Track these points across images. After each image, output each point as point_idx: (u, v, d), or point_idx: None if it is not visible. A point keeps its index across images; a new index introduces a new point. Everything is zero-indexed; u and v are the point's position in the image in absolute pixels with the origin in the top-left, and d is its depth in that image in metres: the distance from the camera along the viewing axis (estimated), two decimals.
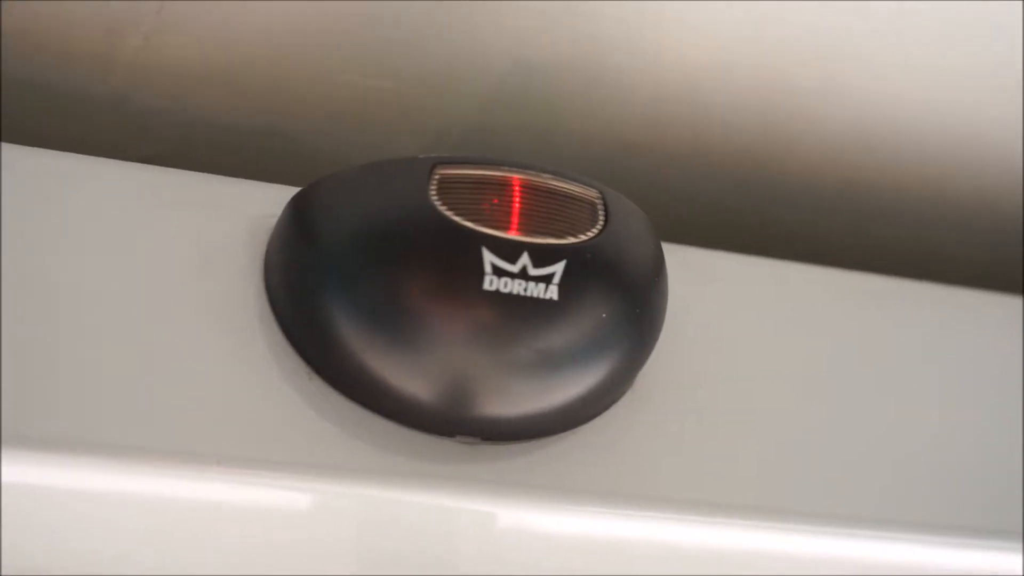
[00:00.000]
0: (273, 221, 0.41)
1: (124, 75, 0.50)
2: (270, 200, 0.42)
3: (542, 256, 0.38)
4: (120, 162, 0.42)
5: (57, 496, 0.37)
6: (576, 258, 0.39)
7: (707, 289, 0.47)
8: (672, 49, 0.52)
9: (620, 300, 0.40)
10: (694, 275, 0.47)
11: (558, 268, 0.38)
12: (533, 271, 0.38)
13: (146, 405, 0.38)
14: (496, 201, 0.39)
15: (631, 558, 0.41)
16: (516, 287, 0.38)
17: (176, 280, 0.40)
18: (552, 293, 0.38)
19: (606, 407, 0.42)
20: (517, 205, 0.39)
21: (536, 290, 0.38)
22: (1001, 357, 0.49)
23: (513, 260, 0.38)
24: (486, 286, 0.38)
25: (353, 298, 0.38)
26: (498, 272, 0.38)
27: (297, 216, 0.40)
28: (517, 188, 0.39)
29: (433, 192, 0.38)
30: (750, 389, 0.45)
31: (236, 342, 0.40)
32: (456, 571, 0.40)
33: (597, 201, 0.40)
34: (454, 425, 0.39)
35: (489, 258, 0.38)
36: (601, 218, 0.40)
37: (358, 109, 0.53)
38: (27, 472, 0.36)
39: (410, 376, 0.39)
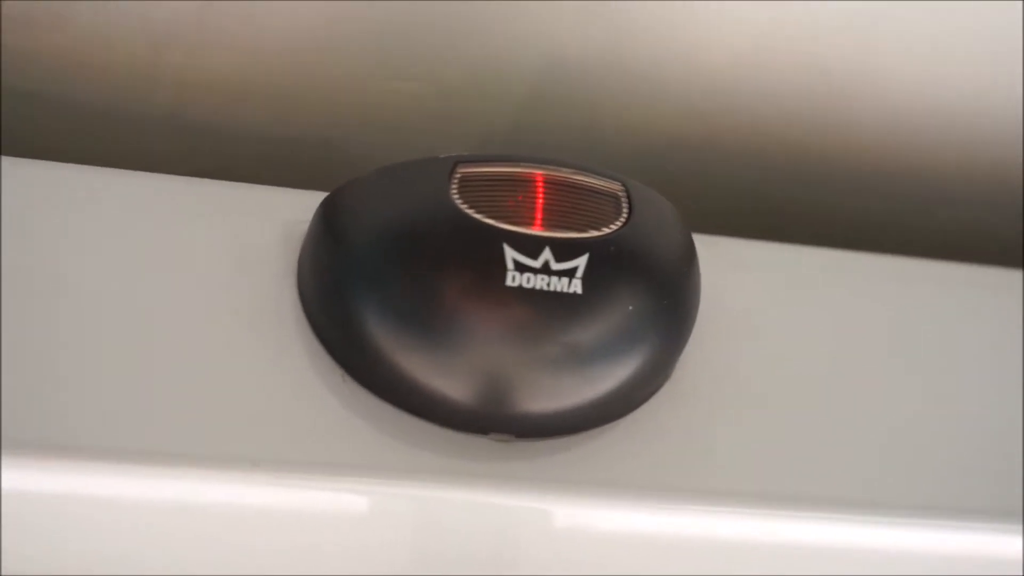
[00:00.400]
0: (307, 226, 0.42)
1: (169, 91, 0.51)
2: (306, 207, 0.43)
3: (564, 250, 0.38)
4: (156, 175, 0.43)
5: (91, 504, 0.37)
6: (599, 251, 0.39)
7: (748, 278, 0.47)
8: (709, 39, 0.52)
9: (647, 292, 0.40)
10: (735, 265, 0.47)
11: (581, 262, 0.38)
12: (556, 265, 0.38)
13: (181, 411, 0.39)
14: (518, 197, 0.39)
15: (673, 551, 0.41)
16: (539, 282, 0.38)
17: (212, 288, 0.41)
18: (576, 287, 0.38)
19: (643, 400, 0.42)
20: (539, 200, 0.39)
21: (559, 284, 0.38)
22: None
23: (535, 255, 0.38)
24: (509, 282, 0.38)
25: (378, 299, 0.39)
26: (520, 268, 0.38)
27: (325, 220, 0.41)
28: (538, 184, 0.39)
29: (454, 191, 0.39)
30: (793, 376, 0.45)
31: (271, 346, 0.40)
32: (497, 568, 0.40)
33: (620, 194, 0.40)
34: (486, 422, 0.40)
35: (511, 254, 0.38)
36: (625, 211, 0.40)
37: (400, 114, 0.53)
38: (66, 480, 0.37)
39: (439, 374, 0.39)
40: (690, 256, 0.42)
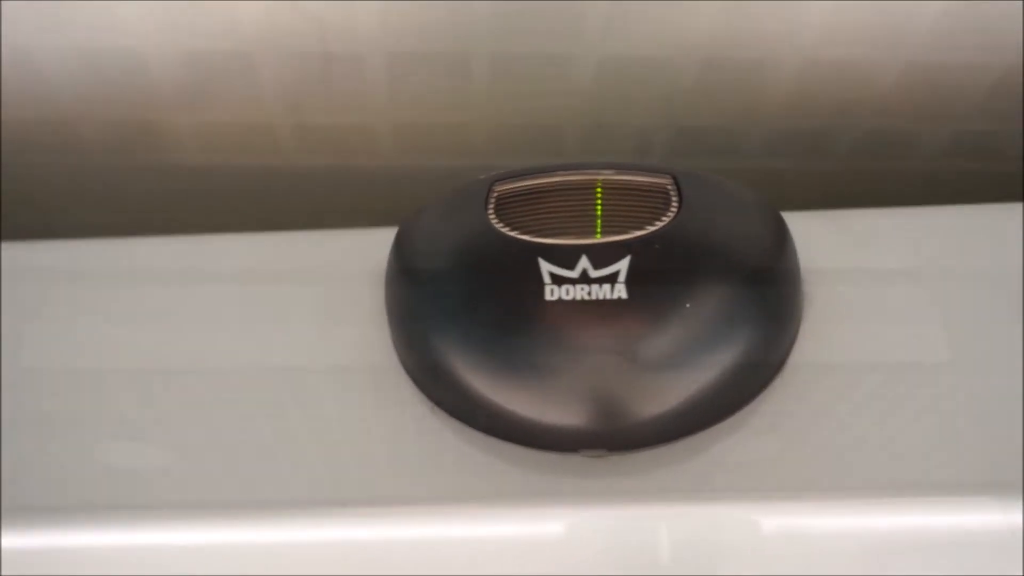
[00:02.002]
0: None
1: (323, 147, 0.53)
2: None
3: (602, 256, 0.37)
4: (255, 234, 0.45)
5: (197, 556, 0.40)
6: (642, 251, 0.37)
7: (886, 249, 0.43)
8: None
9: (707, 287, 0.37)
10: (874, 237, 0.43)
11: (622, 265, 0.37)
12: (595, 273, 0.37)
13: (280, 459, 0.40)
14: (554, 208, 0.38)
15: (785, 552, 0.38)
16: (579, 293, 0.37)
17: (308, 329, 0.42)
18: (620, 292, 0.37)
19: (745, 399, 0.39)
20: (576, 208, 0.38)
21: (601, 292, 0.37)
22: None
23: (571, 266, 0.37)
24: (547, 296, 0.37)
25: (441, 326, 0.39)
26: (557, 280, 0.37)
27: (395, 251, 0.41)
28: (574, 191, 0.38)
29: (491, 210, 0.38)
30: (921, 361, 0.40)
31: (365, 383, 0.41)
32: None
33: (669, 187, 0.38)
34: (572, 439, 0.38)
35: (546, 267, 0.37)
36: (674, 205, 0.38)
37: (555, 132, 0.53)
38: (170, 535, 0.39)
39: (511, 396, 0.38)
40: (775, 242, 0.39)
